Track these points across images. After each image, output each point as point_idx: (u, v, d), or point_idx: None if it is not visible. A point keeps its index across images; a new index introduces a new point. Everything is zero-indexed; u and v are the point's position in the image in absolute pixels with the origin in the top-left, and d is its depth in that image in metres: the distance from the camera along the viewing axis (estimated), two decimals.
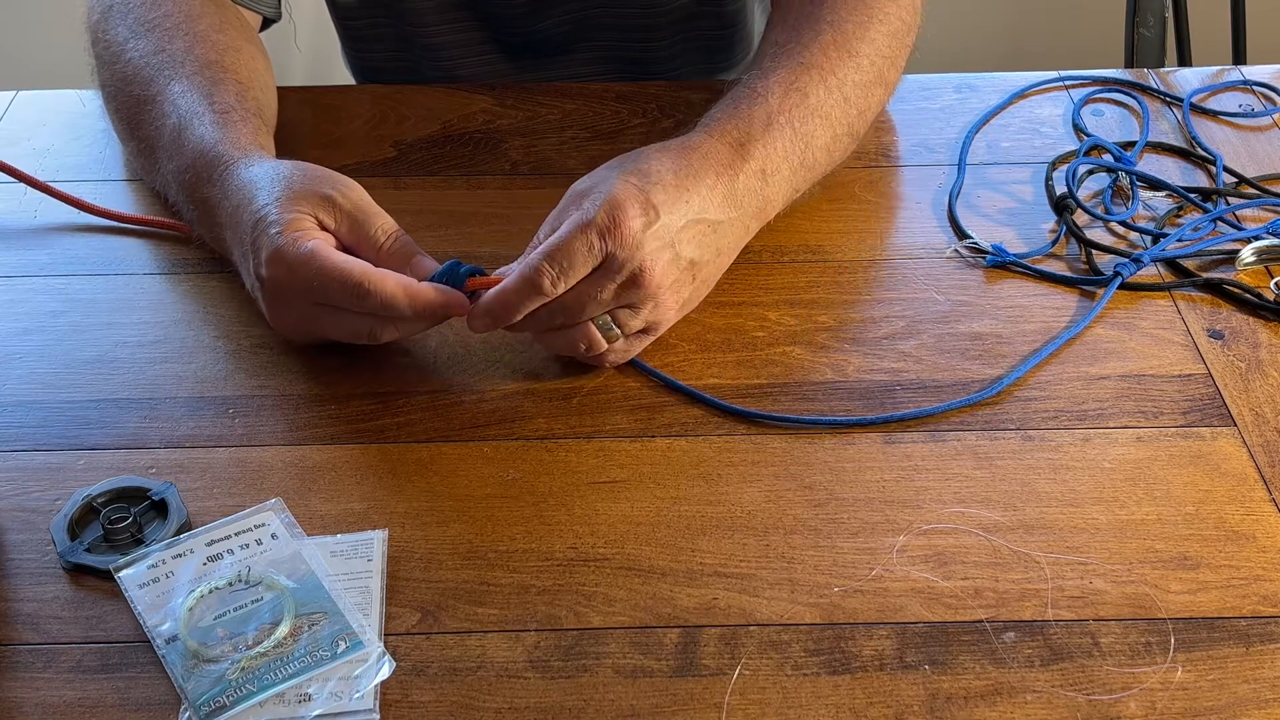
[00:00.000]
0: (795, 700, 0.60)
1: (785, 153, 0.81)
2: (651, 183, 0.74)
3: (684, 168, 0.76)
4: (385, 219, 0.76)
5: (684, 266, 0.75)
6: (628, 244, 0.71)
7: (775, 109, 0.81)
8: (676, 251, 0.74)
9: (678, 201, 0.74)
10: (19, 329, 0.81)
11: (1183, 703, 0.60)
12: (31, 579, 0.66)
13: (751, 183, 0.79)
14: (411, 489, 0.71)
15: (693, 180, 0.76)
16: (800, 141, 0.82)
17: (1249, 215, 0.88)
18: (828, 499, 0.70)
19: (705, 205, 0.76)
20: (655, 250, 0.73)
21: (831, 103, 0.84)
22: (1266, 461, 0.71)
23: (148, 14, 0.90)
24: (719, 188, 0.77)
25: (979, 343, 0.79)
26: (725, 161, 0.78)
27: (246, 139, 0.82)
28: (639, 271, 0.72)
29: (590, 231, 0.71)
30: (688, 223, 0.75)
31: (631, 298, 0.73)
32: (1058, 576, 0.66)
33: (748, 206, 0.79)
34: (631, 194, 0.73)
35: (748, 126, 0.80)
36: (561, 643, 0.63)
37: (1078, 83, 1.02)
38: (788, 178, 0.82)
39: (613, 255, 0.72)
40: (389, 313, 0.73)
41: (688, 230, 0.75)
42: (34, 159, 0.95)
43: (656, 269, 0.73)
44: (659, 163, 0.76)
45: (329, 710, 0.60)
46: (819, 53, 0.85)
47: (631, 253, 0.72)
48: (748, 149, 0.79)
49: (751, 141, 0.79)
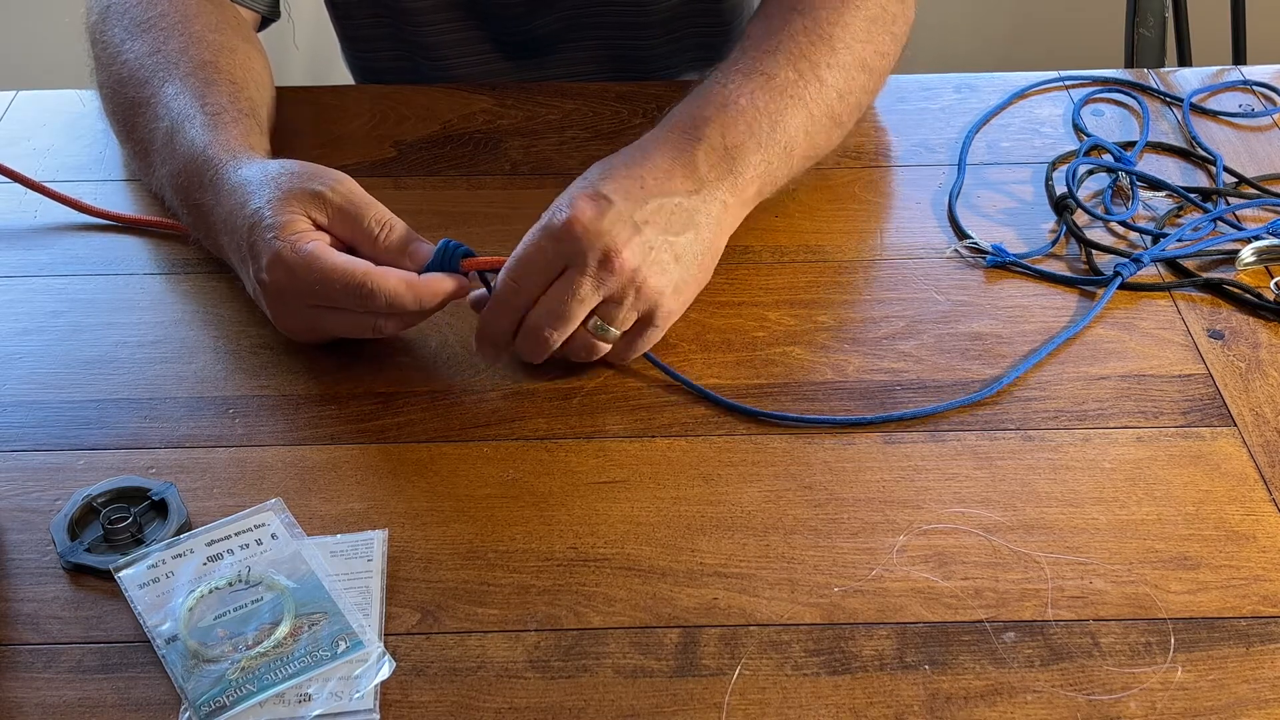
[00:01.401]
0: (795, 700, 0.60)
1: (750, 128, 0.80)
2: (600, 178, 0.75)
3: (633, 157, 0.77)
4: (378, 209, 0.76)
5: (657, 246, 0.74)
6: (583, 235, 0.72)
7: (734, 91, 0.81)
8: (643, 234, 0.73)
9: (630, 187, 0.74)
10: (19, 329, 0.81)
11: (1183, 703, 0.60)
12: (31, 579, 0.66)
13: (712, 157, 0.78)
14: (411, 489, 0.71)
15: (644, 166, 0.76)
16: (766, 118, 0.81)
17: (1249, 215, 0.88)
18: (828, 499, 0.70)
19: (662, 185, 0.76)
20: (617, 233, 0.72)
21: (803, 84, 0.83)
22: (1266, 461, 0.71)
23: (144, 14, 0.90)
24: (676, 168, 0.77)
25: (979, 343, 0.79)
26: (677, 143, 0.78)
27: (237, 141, 0.82)
28: (606, 256, 0.72)
29: (541, 235, 0.73)
30: (649, 206, 0.74)
31: (611, 287, 0.73)
32: (1058, 576, 0.66)
33: (715, 181, 0.78)
34: (579, 191, 0.74)
35: (700, 109, 0.80)
36: (561, 643, 0.63)
37: (1078, 83, 1.02)
38: (757, 152, 0.80)
39: (572, 250, 0.72)
40: (393, 309, 0.74)
41: (650, 211, 0.74)
42: (34, 159, 0.95)
43: (624, 251, 0.72)
44: (608, 161, 0.77)
45: (329, 710, 0.60)
46: (788, 39, 0.84)
47: (591, 241, 0.72)
48: (700, 129, 0.79)
49: (705, 122, 0.79)
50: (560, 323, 0.73)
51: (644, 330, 0.76)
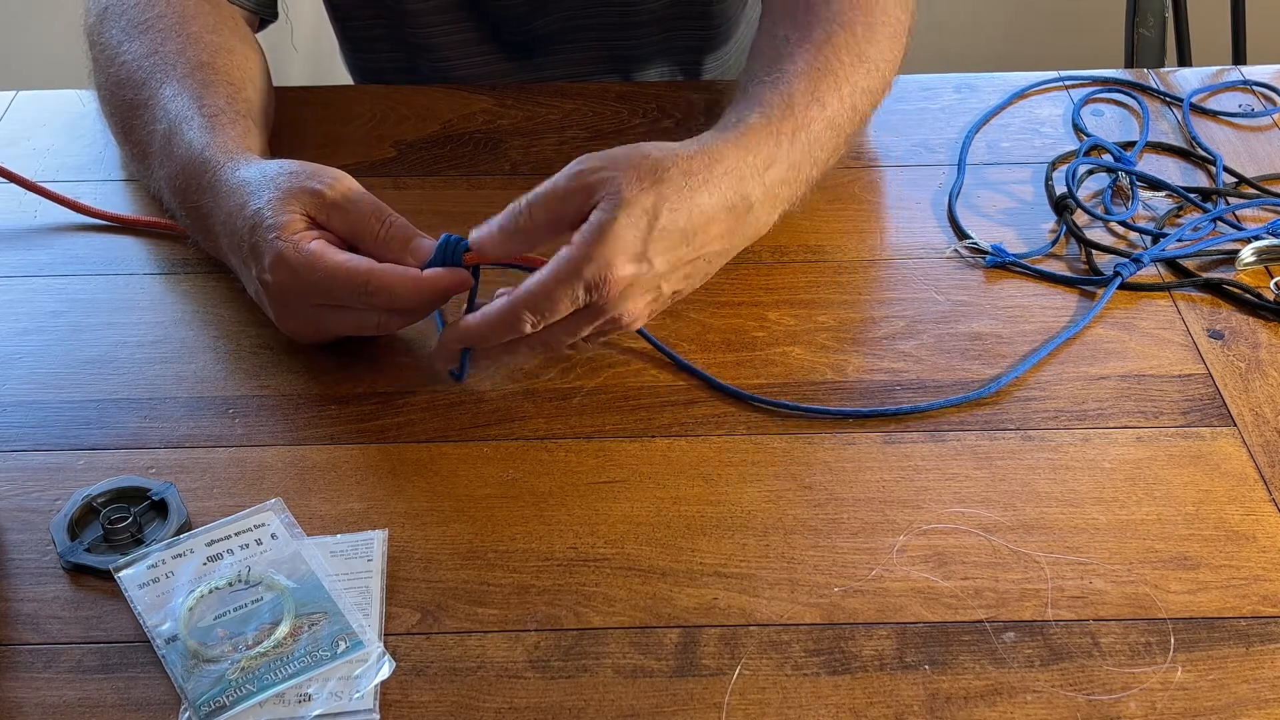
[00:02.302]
0: (795, 700, 0.60)
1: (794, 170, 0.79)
2: (658, 228, 0.71)
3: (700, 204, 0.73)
4: (378, 206, 0.76)
5: (663, 296, 0.75)
6: (614, 298, 0.71)
7: (800, 122, 0.79)
8: (661, 289, 0.74)
9: (676, 248, 0.72)
10: (19, 329, 0.81)
11: (1183, 703, 0.60)
12: (31, 579, 0.66)
13: (758, 215, 0.77)
14: (411, 489, 0.71)
15: (702, 219, 0.73)
16: (809, 156, 0.80)
17: (1249, 215, 0.88)
18: (828, 499, 0.70)
19: (706, 240, 0.74)
20: (638, 297, 0.73)
21: (843, 111, 0.82)
22: (1266, 461, 0.71)
23: (141, 15, 0.90)
24: (725, 224, 0.75)
25: (979, 343, 0.79)
26: (741, 190, 0.75)
27: (235, 142, 0.82)
28: (618, 317, 0.73)
29: (577, 284, 0.70)
30: (681, 271, 0.74)
31: (605, 329, 0.74)
32: (1058, 576, 0.66)
33: (747, 234, 0.78)
34: (629, 243, 0.70)
35: (773, 146, 0.77)
36: (561, 643, 0.63)
37: (1078, 83, 1.02)
38: (786, 198, 0.80)
39: (595, 303, 0.71)
40: (396, 306, 0.74)
41: (675, 267, 0.73)
42: (34, 159, 0.95)
43: (637, 311, 0.73)
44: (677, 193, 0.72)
45: (329, 710, 0.60)
46: (833, 56, 0.83)
47: (617, 305, 0.72)
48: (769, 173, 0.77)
49: (775, 164, 0.77)
50: (545, 350, 0.76)
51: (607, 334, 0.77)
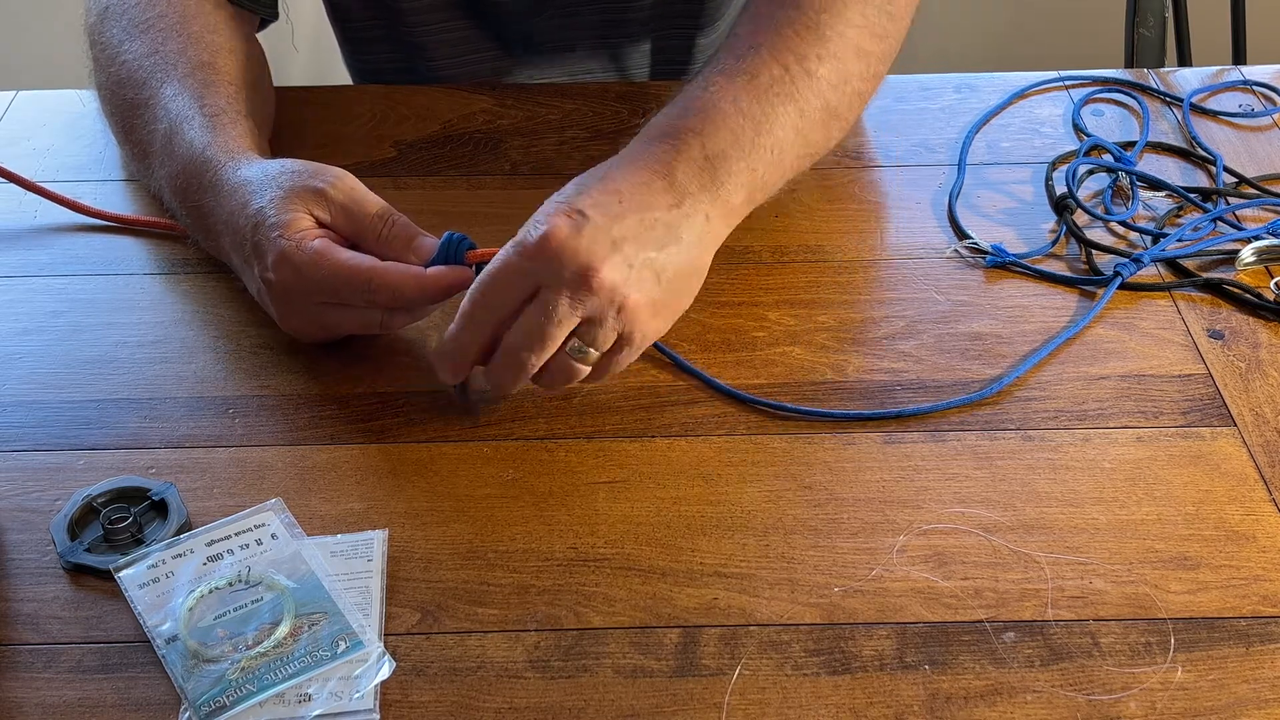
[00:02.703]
0: (795, 700, 0.60)
1: (733, 135, 0.76)
2: (576, 194, 0.71)
3: (610, 172, 0.73)
4: (380, 204, 0.76)
5: (638, 263, 0.70)
6: (559, 253, 0.68)
7: (715, 95, 0.77)
8: (623, 250, 0.70)
9: (607, 202, 0.71)
10: (19, 329, 0.81)
11: (1183, 703, 0.60)
12: (31, 579, 0.66)
13: (692, 168, 0.74)
14: (411, 489, 0.71)
15: (621, 181, 0.72)
16: (751, 122, 0.76)
17: (1249, 215, 0.88)
18: (828, 499, 0.70)
19: (641, 199, 0.72)
20: (594, 250, 0.69)
21: (790, 80, 0.79)
22: (1266, 461, 0.71)
23: (142, 15, 0.90)
24: (655, 181, 0.73)
25: (979, 343, 0.79)
26: (655, 155, 0.74)
27: (236, 142, 0.82)
28: (583, 274, 0.68)
29: (514, 253, 0.69)
30: (627, 221, 0.70)
31: (590, 307, 0.69)
32: (1058, 576, 0.66)
33: (697, 193, 0.74)
34: (554, 207, 0.70)
35: (680, 118, 0.76)
36: (561, 643, 0.63)
37: (1078, 83, 1.02)
38: (741, 159, 0.76)
39: (547, 269, 0.69)
40: (400, 304, 0.74)
41: (629, 227, 0.70)
42: (34, 159, 0.95)
43: (603, 268, 0.69)
44: (585, 176, 0.73)
45: (329, 710, 0.60)
46: (772, 33, 0.80)
47: (567, 260, 0.68)
48: (679, 139, 0.75)
49: (684, 131, 0.75)
50: (539, 345, 0.70)
51: (620, 350, 0.73)
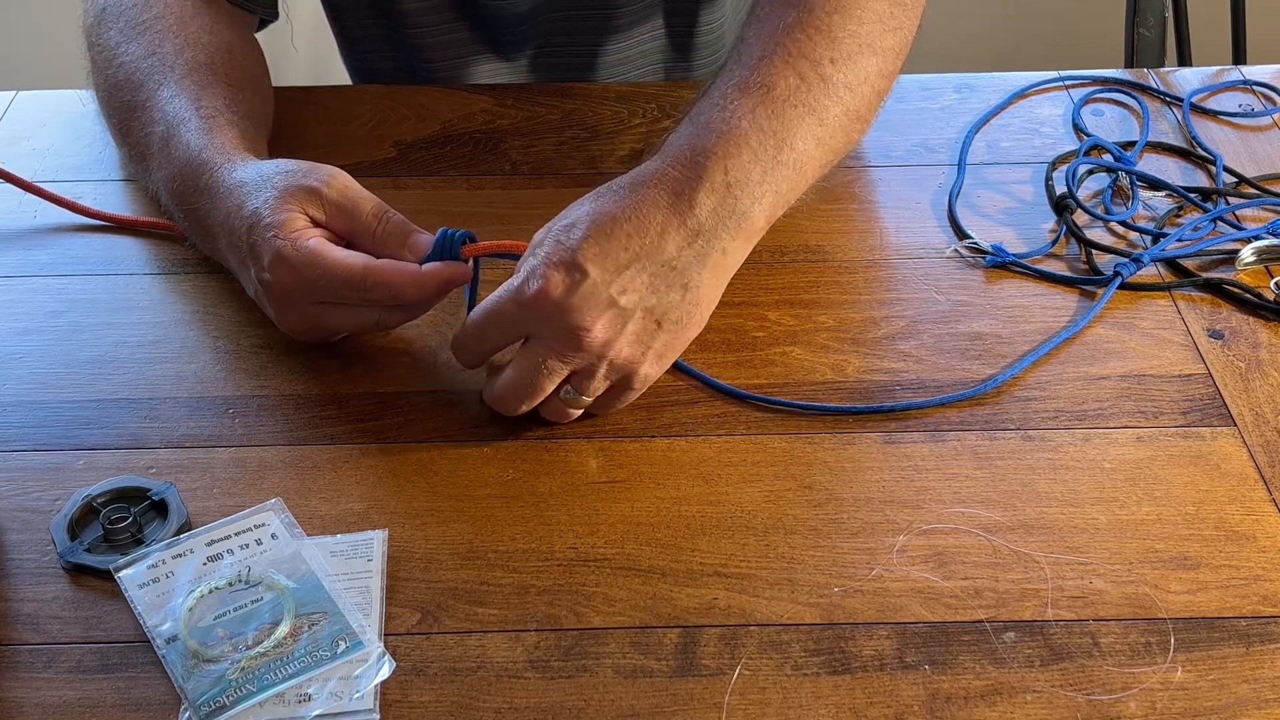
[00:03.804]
0: (795, 700, 0.60)
1: (754, 156, 0.73)
2: (582, 239, 0.69)
3: (626, 211, 0.70)
4: (374, 202, 0.76)
5: (635, 317, 0.70)
6: (551, 312, 0.68)
7: (733, 114, 0.74)
8: (619, 305, 0.69)
9: (612, 252, 0.69)
10: (19, 329, 0.81)
11: (1183, 703, 0.60)
12: (31, 579, 0.66)
13: (714, 198, 0.72)
14: (411, 489, 0.71)
15: (636, 224, 0.70)
16: (772, 139, 0.74)
17: (1249, 215, 0.88)
18: (828, 499, 0.70)
19: (653, 244, 0.70)
20: (586, 310, 0.68)
21: (807, 88, 0.76)
22: (1266, 461, 0.71)
23: (139, 16, 0.90)
24: (671, 220, 0.71)
25: (979, 343, 0.79)
26: (676, 189, 0.71)
27: (232, 144, 0.82)
28: (572, 334, 0.69)
29: (509, 301, 0.70)
30: (629, 273, 0.69)
31: (578, 363, 0.70)
32: (1058, 576, 0.66)
33: (716, 227, 0.72)
34: (555, 257, 0.69)
35: (699, 139, 0.73)
36: (561, 643, 0.63)
37: (1078, 83, 1.02)
38: (762, 180, 0.73)
39: (538, 324, 0.69)
40: (396, 301, 0.74)
41: (630, 279, 0.69)
42: (34, 159, 0.95)
43: (594, 329, 0.69)
44: (599, 213, 0.71)
45: (329, 710, 0.60)
46: (784, 38, 0.77)
47: (559, 319, 0.68)
48: (702, 165, 0.72)
49: (705, 156, 0.72)
50: (528, 393, 0.71)
51: (621, 393, 0.73)
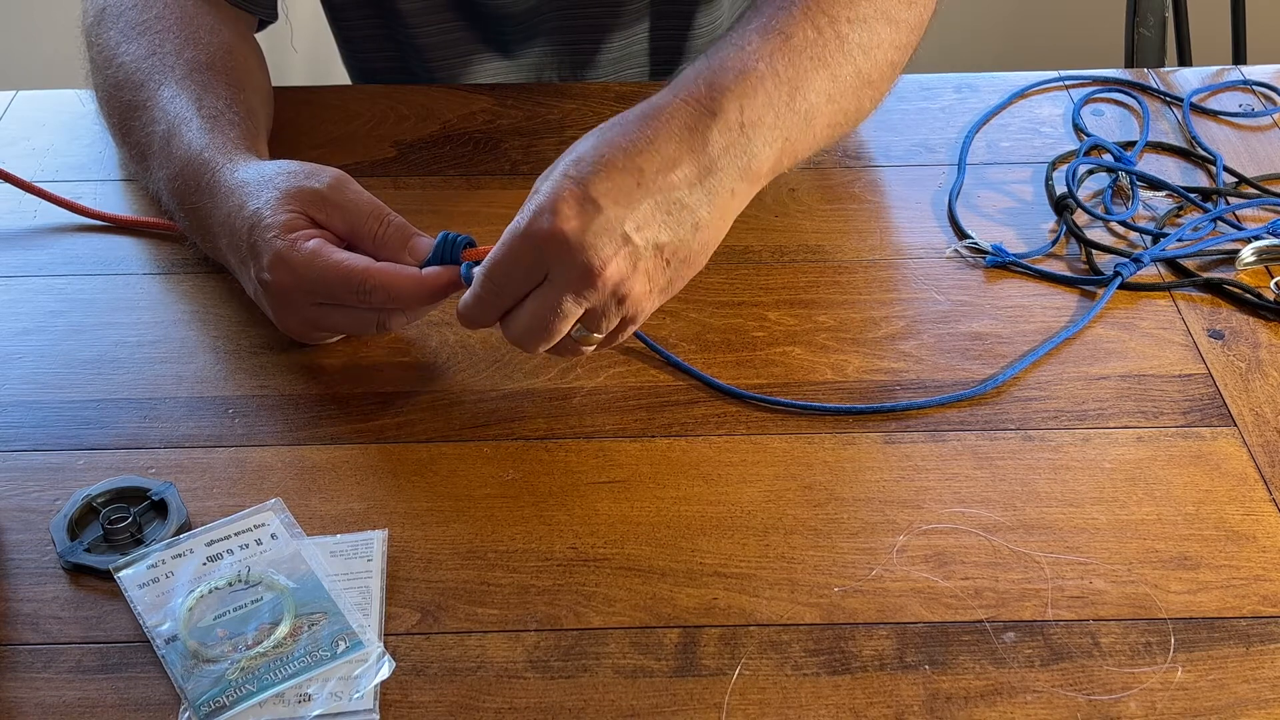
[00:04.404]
0: (795, 700, 0.60)
1: (768, 99, 0.72)
2: (592, 172, 0.67)
3: (636, 138, 0.69)
4: (375, 205, 0.76)
5: (649, 255, 0.69)
6: (566, 248, 0.66)
7: (751, 55, 0.72)
8: (633, 243, 0.68)
9: (624, 186, 0.67)
10: (19, 329, 0.81)
11: (1183, 703, 0.60)
12: (31, 579, 0.66)
13: (728, 136, 0.70)
14: (411, 489, 0.71)
15: (648, 157, 0.68)
16: (786, 86, 0.72)
17: (1249, 215, 0.88)
18: (828, 499, 0.70)
19: (664, 177, 0.68)
20: (602, 246, 0.67)
21: (823, 42, 0.75)
22: (1266, 461, 0.71)
23: (139, 17, 0.90)
24: (684, 153, 0.69)
25: (979, 343, 0.79)
26: (690, 124, 0.70)
27: (233, 144, 0.82)
28: (588, 272, 0.67)
29: (523, 240, 0.68)
30: (643, 208, 0.68)
31: (593, 301, 0.69)
32: (1058, 576, 0.66)
33: (727, 165, 0.70)
34: (565, 191, 0.67)
35: (717, 76, 0.71)
36: (561, 643, 0.63)
37: (1078, 82, 1.02)
38: (774, 125, 0.72)
39: (555, 261, 0.67)
40: (396, 305, 0.74)
41: (644, 215, 0.68)
42: (34, 159, 0.95)
43: (608, 268, 0.67)
44: (608, 144, 0.69)
45: (329, 710, 0.60)
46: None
47: (575, 257, 0.66)
48: (718, 102, 0.70)
49: (722, 93, 0.71)
50: (544, 337, 0.70)
51: (624, 328, 0.72)
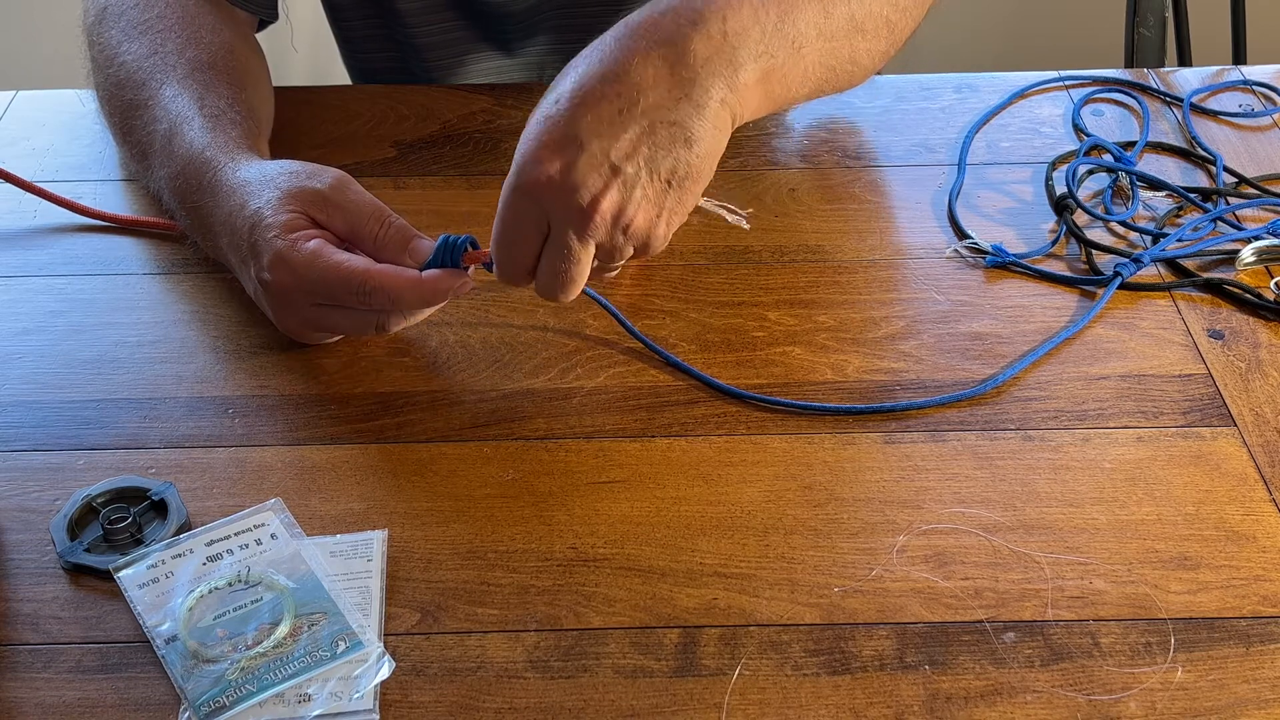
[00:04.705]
0: (795, 700, 0.60)
1: (754, 15, 0.69)
2: (570, 108, 0.65)
3: (616, 68, 0.66)
4: (376, 206, 0.76)
5: (641, 180, 0.67)
6: (556, 193, 0.65)
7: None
8: (623, 172, 0.66)
9: (605, 116, 0.65)
10: (19, 329, 0.81)
11: (1183, 703, 0.60)
12: (31, 579, 0.66)
13: (710, 45, 0.67)
14: (411, 489, 0.71)
15: (624, 78, 0.66)
16: (775, 7, 0.70)
17: (1249, 215, 0.88)
18: (828, 499, 0.70)
19: (645, 98, 0.66)
20: (590, 183, 0.65)
21: None
22: (1266, 461, 0.71)
23: (141, 16, 0.90)
24: (663, 70, 0.66)
25: (979, 343, 0.79)
26: (669, 36, 0.67)
27: (235, 144, 0.82)
28: (584, 214, 0.66)
29: (515, 196, 0.67)
30: (628, 136, 0.66)
31: (597, 237, 0.67)
32: (1058, 576, 0.66)
33: (710, 76, 0.67)
34: (545, 135, 0.66)
35: None
36: (561, 643, 0.63)
37: (1078, 83, 1.02)
38: (760, 41, 0.69)
39: (550, 208, 0.66)
40: (395, 306, 0.74)
41: (630, 142, 0.66)
42: (34, 159, 0.95)
43: (602, 202, 0.66)
44: (586, 75, 0.66)
45: (329, 710, 0.60)
46: None
47: (566, 199, 0.65)
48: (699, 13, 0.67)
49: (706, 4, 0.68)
50: (568, 284, 0.70)
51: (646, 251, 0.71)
